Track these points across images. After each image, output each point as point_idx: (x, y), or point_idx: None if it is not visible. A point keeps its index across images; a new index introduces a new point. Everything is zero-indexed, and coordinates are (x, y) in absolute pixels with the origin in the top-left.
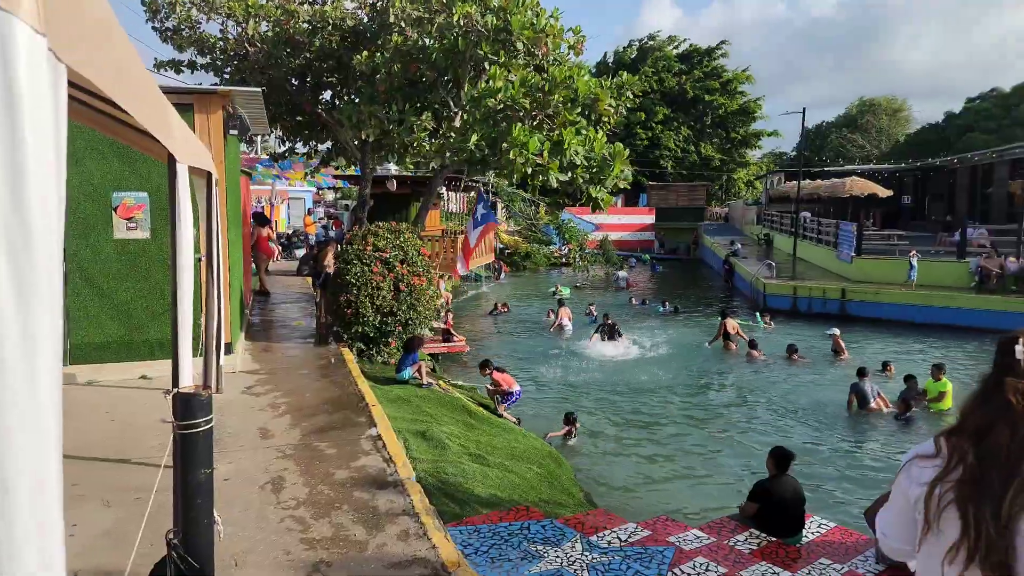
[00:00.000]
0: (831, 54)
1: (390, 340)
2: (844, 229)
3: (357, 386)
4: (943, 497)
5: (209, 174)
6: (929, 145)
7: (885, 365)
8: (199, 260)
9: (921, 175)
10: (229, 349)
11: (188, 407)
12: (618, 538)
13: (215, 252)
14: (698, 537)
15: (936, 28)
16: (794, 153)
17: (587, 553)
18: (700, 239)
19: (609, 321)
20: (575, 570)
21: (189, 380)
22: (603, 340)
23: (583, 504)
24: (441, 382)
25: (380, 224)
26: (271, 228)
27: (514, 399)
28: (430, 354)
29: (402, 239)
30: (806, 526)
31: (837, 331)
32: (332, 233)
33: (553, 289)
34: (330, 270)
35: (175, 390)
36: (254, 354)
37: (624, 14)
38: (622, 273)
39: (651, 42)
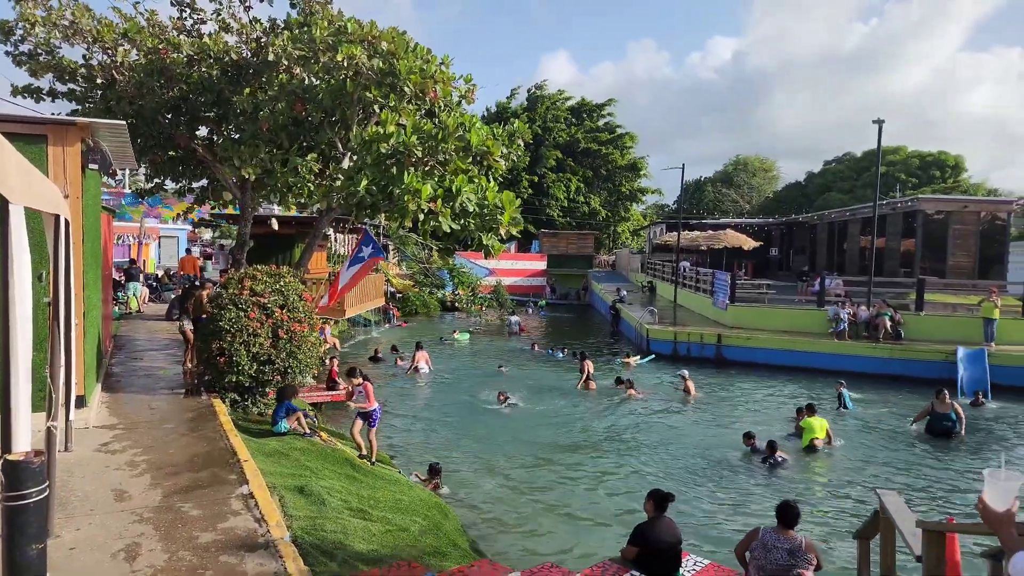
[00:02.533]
0: (712, 114)
1: (267, 390)
2: (719, 278)
3: (228, 440)
4: None
5: (58, 216)
6: (793, 201)
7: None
8: (48, 305)
9: (786, 229)
10: (82, 402)
11: (16, 477)
12: None
13: (61, 298)
14: None
15: (804, 95)
16: (675, 206)
17: None
18: (589, 285)
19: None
20: None
21: (24, 442)
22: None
23: (469, 554)
24: (323, 433)
25: (259, 267)
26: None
27: (376, 419)
28: (313, 404)
29: (283, 283)
30: (683, 565)
31: (686, 372)
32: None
33: (451, 335)
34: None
35: (3, 456)
36: (113, 407)
37: (522, 68)
38: (515, 318)
39: (539, 92)
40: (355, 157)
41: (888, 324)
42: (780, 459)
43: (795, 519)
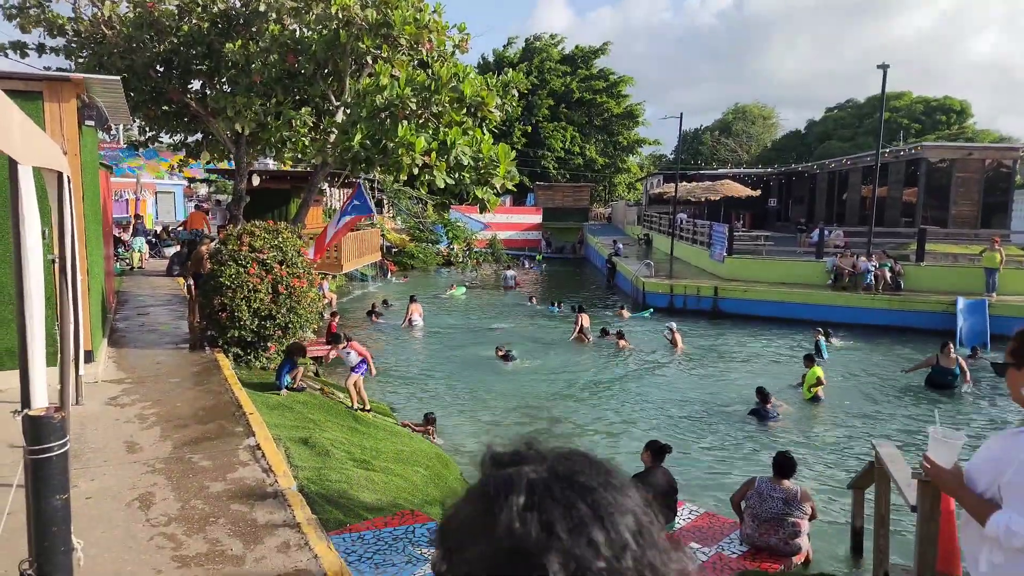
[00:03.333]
0: (711, 62)
1: (269, 344)
2: (717, 230)
3: (233, 393)
4: None
5: (60, 173)
6: (793, 150)
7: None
8: (52, 262)
9: (785, 179)
10: (90, 357)
11: (39, 431)
12: None
13: (68, 254)
14: None
15: (805, 41)
16: (672, 156)
17: None
18: (585, 239)
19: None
20: None
21: (42, 398)
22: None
23: None
24: (324, 387)
25: (257, 223)
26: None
27: (363, 369)
28: (313, 358)
29: (280, 239)
30: (678, 513)
31: (674, 325)
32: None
33: (447, 290)
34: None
35: (24, 411)
36: (119, 362)
37: (517, 13)
38: (510, 272)
39: (536, 43)
40: (348, 110)
41: (888, 275)
42: (774, 412)
43: (791, 470)
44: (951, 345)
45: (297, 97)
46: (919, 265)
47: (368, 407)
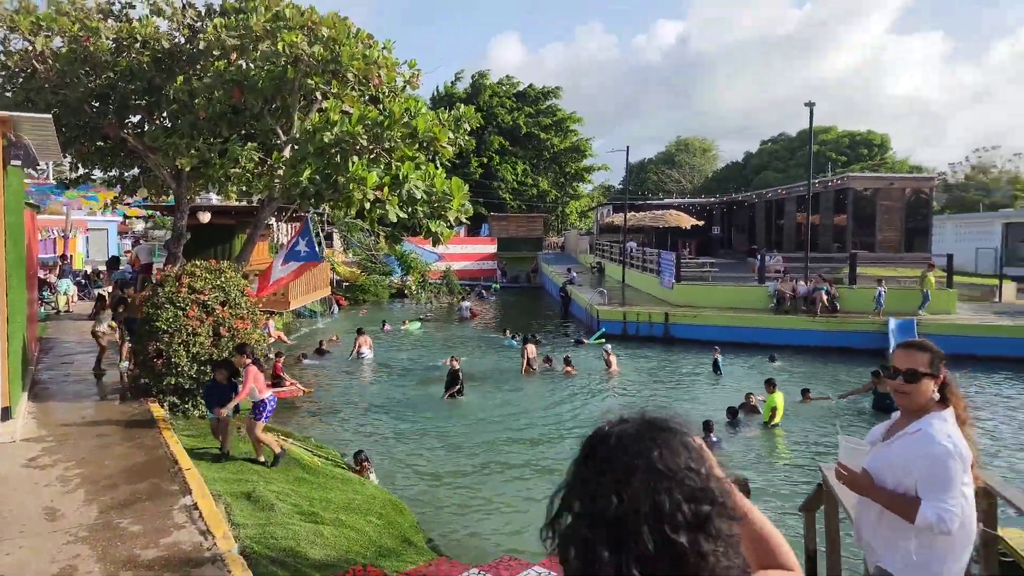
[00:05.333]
0: (657, 96)
1: None
2: (665, 258)
3: (168, 447)
4: None
5: None
6: (733, 180)
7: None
8: None
9: (727, 208)
10: (7, 414)
11: None
12: None
13: None
14: (540, 573)
15: (743, 78)
16: (621, 187)
17: None
18: (540, 268)
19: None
20: None
21: None
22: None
23: (426, 552)
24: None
25: (198, 262)
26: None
27: (268, 411)
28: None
29: (223, 278)
30: None
31: (609, 347)
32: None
33: (401, 325)
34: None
35: None
36: (41, 417)
37: (472, 49)
38: (466, 303)
39: (482, 79)
40: (297, 146)
41: (824, 298)
42: (715, 439)
43: (747, 495)
44: (882, 373)
45: (244, 132)
46: (852, 288)
47: (263, 459)
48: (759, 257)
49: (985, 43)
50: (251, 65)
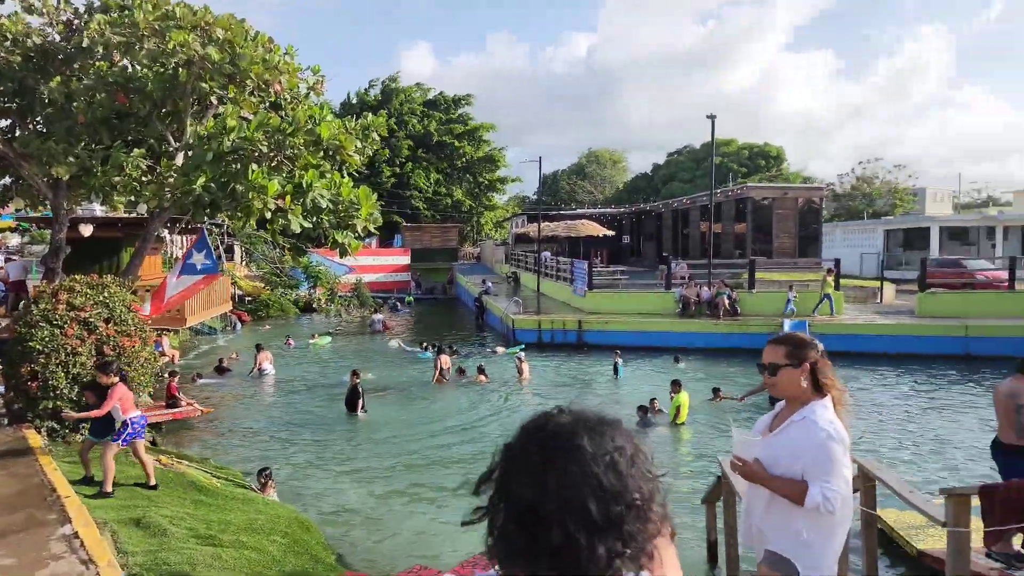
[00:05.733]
0: (568, 108)
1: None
2: (577, 267)
3: (45, 475)
4: None
5: None
6: (641, 191)
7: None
8: None
9: (636, 218)
10: None
11: None
12: None
13: None
14: None
15: (649, 91)
16: (535, 197)
17: None
18: (455, 278)
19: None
20: None
21: None
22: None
23: (335, 569)
24: (162, 457)
25: (78, 277)
26: None
27: (128, 433)
28: (151, 424)
29: (107, 294)
30: None
31: (522, 354)
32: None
33: (311, 339)
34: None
35: None
36: None
37: (381, 57)
38: (378, 316)
39: (392, 84)
40: (191, 153)
41: (726, 302)
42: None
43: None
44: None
45: (130, 138)
46: (751, 292)
47: (152, 481)
48: (666, 264)
49: (869, 61)
50: (137, 66)
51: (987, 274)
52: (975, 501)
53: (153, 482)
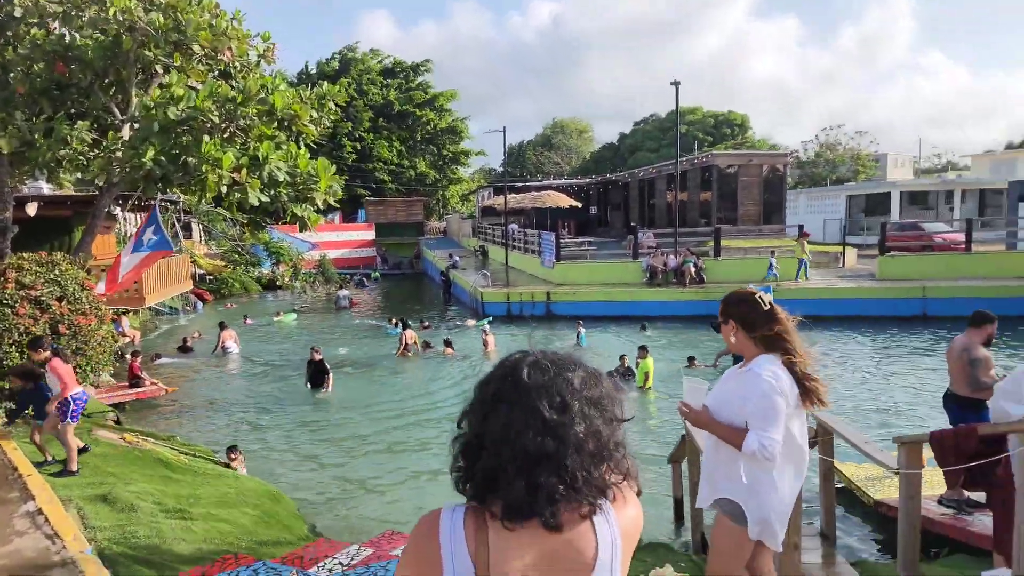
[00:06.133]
0: (533, 77)
1: None
2: (545, 239)
3: (6, 455)
4: None
5: None
6: (608, 161)
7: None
8: None
9: (603, 189)
10: None
11: None
12: (340, 563)
13: None
14: None
15: (615, 60)
16: (501, 169)
17: None
18: (422, 253)
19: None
20: None
21: None
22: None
23: (307, 538)
24: (127, 435)
25: (26, 256)
26: None
27: (75, 410)
28: (114, 404)
29: (58, 272)
30: None
31: (488, 327)
32: None
33: (275, 316)
34: None
35: None
36: None
37: (340, 26)
38: (344, 292)
39: (351, 53)
40: (137, 124)
41: (692, 270)
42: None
43: None
44: None
45: (72, 111)
46: (717, 260)
47: (74, 467)
48: (633, 234)
49: (833, 28)
50: (76, 35)
51: (945, 236)
52: (928, 453)
53: (75, 467)
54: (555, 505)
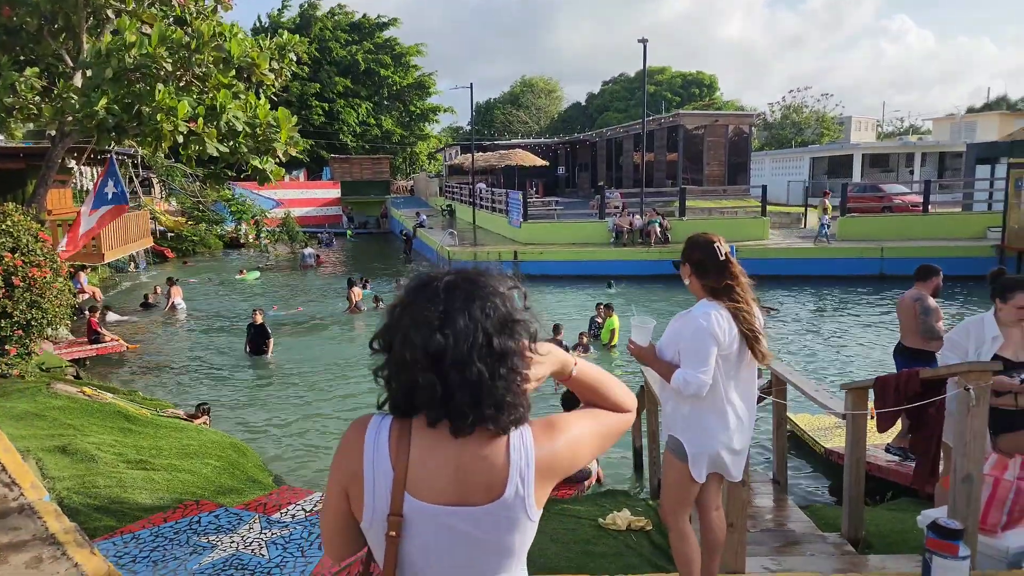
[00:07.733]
0: (502, 37)
1: (7, 347)
2: (512, 198)
3: None
4: None
5: None
6: (576, 121)
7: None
8: None
9: (571, 148)
10: None
11: None
12: (303, 509)
13: None
14: None
15: (583, 19)
16: (468, 128)
17: (267, 530)
18: (389, 212)
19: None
20: (253, 550)
21: None
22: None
23: (272, 487)
24: (86, 388)
25: None
26: None
27: None
28: (74, 360)
29: (9, 223)
30: None
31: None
32: None
33: (238, 274)
34: None
35: None
36: None
37: None
38: (309, 251)
39: (312, 10)
40: (89, 73)
41: (658, 230)
42: (565, 344)
43: (575, 404)
44: None
45: (22, 57)
46: (682, 220)
47: None
48: (599, 195)
49: None
50: None
51: (904, 198)
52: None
53: None
54: (459, 408)
